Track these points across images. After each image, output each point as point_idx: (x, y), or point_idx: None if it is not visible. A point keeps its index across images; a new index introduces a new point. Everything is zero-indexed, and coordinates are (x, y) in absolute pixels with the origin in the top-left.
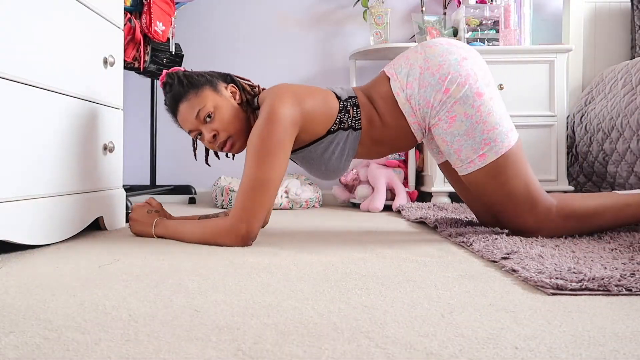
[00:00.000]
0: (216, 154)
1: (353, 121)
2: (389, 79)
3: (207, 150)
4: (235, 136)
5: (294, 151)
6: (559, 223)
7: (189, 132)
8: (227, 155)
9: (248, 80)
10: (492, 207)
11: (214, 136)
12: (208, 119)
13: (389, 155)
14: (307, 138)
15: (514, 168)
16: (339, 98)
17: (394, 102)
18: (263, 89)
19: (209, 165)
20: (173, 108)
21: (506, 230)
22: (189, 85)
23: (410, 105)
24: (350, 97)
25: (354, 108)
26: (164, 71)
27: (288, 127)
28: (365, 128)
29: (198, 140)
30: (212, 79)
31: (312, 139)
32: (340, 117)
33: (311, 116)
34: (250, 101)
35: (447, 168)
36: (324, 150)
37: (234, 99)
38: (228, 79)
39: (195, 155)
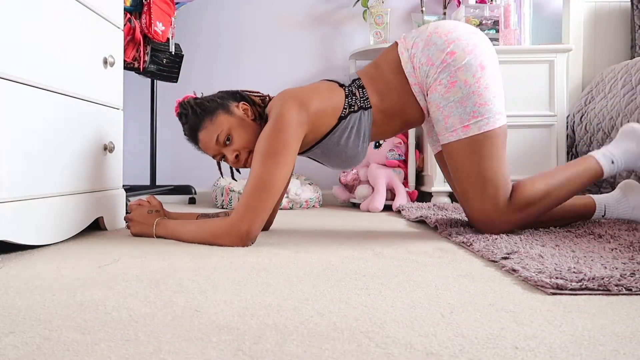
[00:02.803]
0: (238, 170)
1: (362, 101)
2: (397, 45)
3: (231, 168)
4: None
5: (309, 148)
6: (514, 213)
7: (213, 157)
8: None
9: (258, 93)
10: (459, 185)
11: (237, 156)
12: (227, 142)
13: (389, 155)
14: (322, 131)
15: (491, 150)
16: (342, 85)
17: (398, 64)
18: (271, 98)
19: (236, 180)
20: (193, 138)
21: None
22: (202, 113)
23: (412, 64)
24: (354, 81)
25: (360, 89)
26: (177, 101)
27: (295, 129)
28: (375, 102)
29: (219, 161)
30: (223, 102)
31: (325, 130)
32: (348, 101)
33: (319, 115)
34: (262, 114)
35: (442, 158)
36: (340, 137)
37: (247, 116)
38: (238, 96)
39: (221, 173)
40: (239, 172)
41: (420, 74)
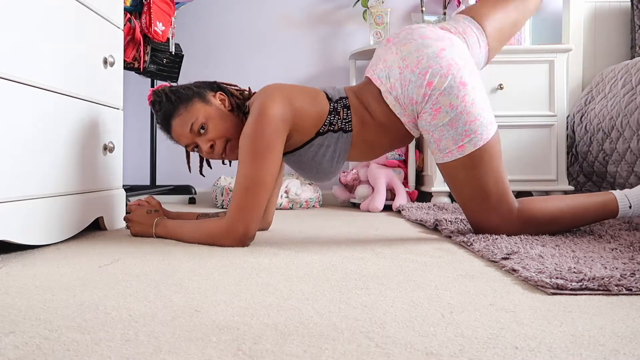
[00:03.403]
0: (208, 163)
1: (343, 123)
2: (373, 84)
3: (201, 160)
4: (233, 141)
5: (285, 154)
6: (518, 226)
7: (186, 147)
8: (223, 163)
9: (235, 86)
10: (460, 199)
11: (211, 146)
12: (202, 131)
13: (389, 155)
14: (299, 139)
15: (489, 162)
16: (329, 99)
17: (386, 105)
18: (254, 93)
19: (204, 176)
20: (166, 126)
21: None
22: (177, 100)
23: (400, 105)
24: (341, 99)
25: (345, 110)
26: (150, 90)
27: (279, 125)
28: (358, 129)
29: (192, 151)
30: (199, 90)
31: (303, 139)
32: (330, 118)
33: (301, 114)
34: (240, 105)
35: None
36: (315, 153)
37: (224, 106)
38: (215, 86)
39: (189, 167)
40: (210, 167)
41: (409, 112)
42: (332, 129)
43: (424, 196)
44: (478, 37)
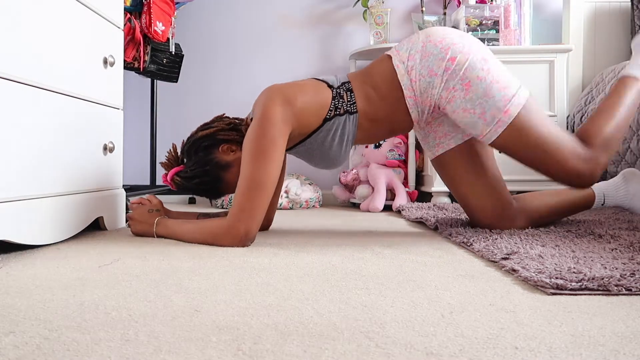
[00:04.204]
0: None
1: (348, 105)
2: (390, 58)
3: None
4: None
5: (294, 146)
6: (603, 153)
7: None
8: None
9: (232, 121)
10: (531, 165)
11: None
12: None
13: (389, 155)
14: (305, 131)
15: (537, 118)
16: (330, 87)
17: (393, 75)
18: (251, 119)
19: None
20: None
21: (505, 231)
22: (213, 188)
23: (409, 77)
24: (343, 84)
25: (348, 93)
26: (166, 180)
27: (280, 127)
28: (362, 107)
29: None
30: (214, 164)
31: (309, 130)
32: (334, 103)
33: (304, 112)
34: (242, 131)
35: (440, 163)
36: (324, 139)
37: (232, 150)
38: (216, 140)
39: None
40: None
41: (420, 86)
42: (338, 112)
43: (424, 196)
44: None
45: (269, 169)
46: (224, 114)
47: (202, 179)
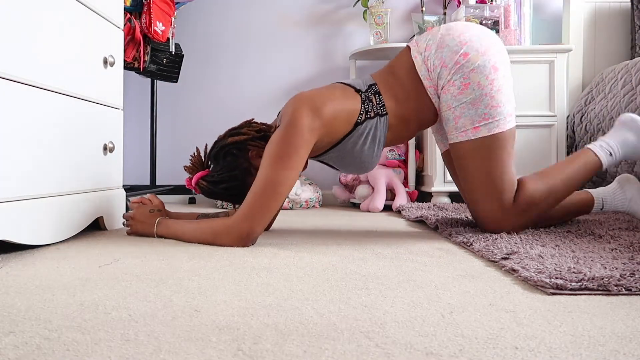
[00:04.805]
0: None
1: (378, 108)
2: (409, 49)
3: None
4: None
5: (325, 152)
6: (518, 217)
7: None
8: None
9: (261, 127)
10: (465, 184)
11: None
12: None
13: (389, 155)
14: (335, 137)
15: (500, 152)
16: (358, 91)
17: (412, 66)
18: (278, 126)
19: None
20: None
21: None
22: (236, 195)
23: (426, 67)
24: (370, 86)
25: (376, 96)
26: (190, 184)
27: (305, 135)
28: (391, 108)
29: None
30: (242, 175)
31: (339, 137)
32: (364, 107)
33: (333, 120)
34: (268, 135)
35: (449, 157)
36: (355, 143)
37: (262, 156)
38: (243, 147)
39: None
40: None
41: (434, 76)
42: (369, 116)
43: (424, 196)
44: None
45: (287, 175)
46: (252, 119)
47: (230, 183)
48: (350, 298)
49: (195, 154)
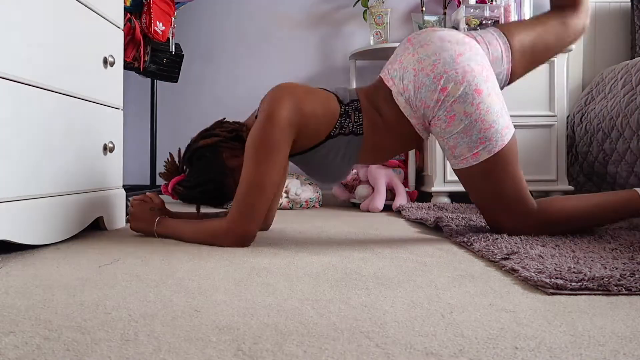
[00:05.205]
0: None
1: (354, 126)
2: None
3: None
4: None
5: (294, 155)
6: (535, 228)
7: None
8: None
9: (233, 127)
10: (477, 202)
11: None
12: None
13: None
14: (307, 142)
15: (505, 168)
16: (340, 102)
17: (397, 105)
18: (256, 117)
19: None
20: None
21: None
22: (218, 197)
23: (410, 107)
24: (352, 101)
25: (356, 113)
26: (166, 190)
27: (285, 129)
28: (368, 133)
29: None
30: (219, 172)
31: (311, 143)
32: (340, 121)
33: (310, 119)
34: (242, 135)
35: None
36: (324, 156)
37: (236, 158)
38: (217, 148)
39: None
40: None
41: (420, 114)
42: (343, 132)
43: (424, 196)
44: (503, 52)
45: (270, 172)
46: (224, 119)
47: (206, 186)
48: (350, 298)
49: (169, 159)
